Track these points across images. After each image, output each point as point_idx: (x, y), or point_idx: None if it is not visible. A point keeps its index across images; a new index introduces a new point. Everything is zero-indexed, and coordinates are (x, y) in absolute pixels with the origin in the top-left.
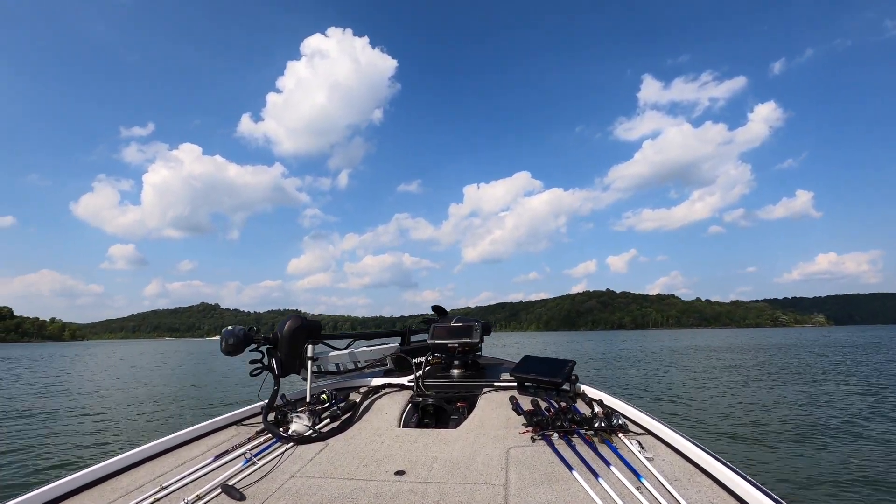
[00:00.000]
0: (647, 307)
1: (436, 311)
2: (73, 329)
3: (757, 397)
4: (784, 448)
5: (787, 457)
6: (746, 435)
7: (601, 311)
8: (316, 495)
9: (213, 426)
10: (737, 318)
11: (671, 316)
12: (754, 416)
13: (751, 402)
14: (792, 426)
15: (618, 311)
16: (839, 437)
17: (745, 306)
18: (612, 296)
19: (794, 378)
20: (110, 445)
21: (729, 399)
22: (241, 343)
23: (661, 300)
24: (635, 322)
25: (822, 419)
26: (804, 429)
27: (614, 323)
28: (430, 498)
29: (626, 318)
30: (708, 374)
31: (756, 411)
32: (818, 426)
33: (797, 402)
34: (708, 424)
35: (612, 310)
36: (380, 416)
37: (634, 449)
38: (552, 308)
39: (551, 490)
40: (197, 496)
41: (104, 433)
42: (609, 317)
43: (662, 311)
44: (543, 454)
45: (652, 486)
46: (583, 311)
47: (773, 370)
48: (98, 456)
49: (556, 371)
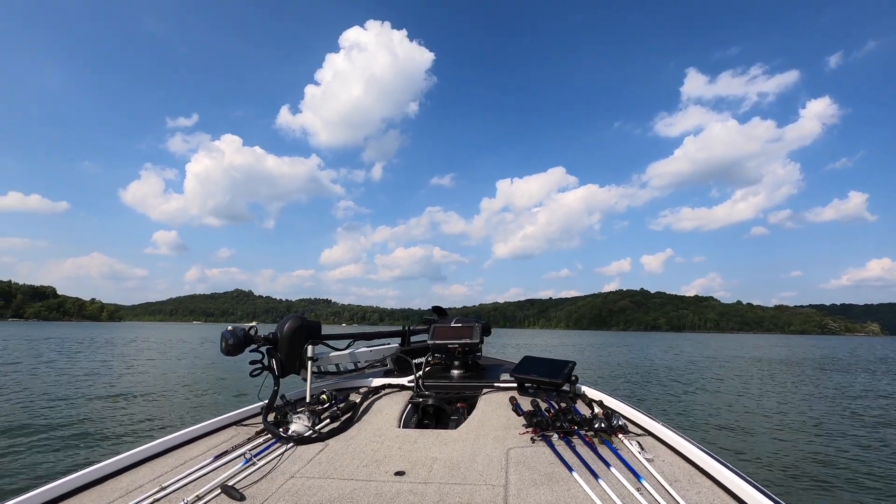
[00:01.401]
0: (684, 309)
1: (436, 312)
2: (110, 310)
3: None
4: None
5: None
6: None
7: (634, 312)
8: (316, 496)
9: (212, 426)
10: (781, 324)
11: (709, 319)
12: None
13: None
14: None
15: (652, 312)
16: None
17: (791, 311)
18: (646, 296)
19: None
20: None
21: (809, 439)
22: (242, 343)
23: (699, 302)
24: (670, 324)
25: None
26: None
27: (648, 324)
28: (430, 498)
29: (661, 320)
30: (771, 396)
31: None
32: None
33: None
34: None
35: (646, 310)
36: (380, 417)
37: (634, 450)
38: (583, 306)
39: (551, 491)
40: (196, 496)
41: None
42: (643, 317)
43: (700, 313)
44: (543, 455)
45: (652, 487)
46: (615, 311)
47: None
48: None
49: (556, 372)
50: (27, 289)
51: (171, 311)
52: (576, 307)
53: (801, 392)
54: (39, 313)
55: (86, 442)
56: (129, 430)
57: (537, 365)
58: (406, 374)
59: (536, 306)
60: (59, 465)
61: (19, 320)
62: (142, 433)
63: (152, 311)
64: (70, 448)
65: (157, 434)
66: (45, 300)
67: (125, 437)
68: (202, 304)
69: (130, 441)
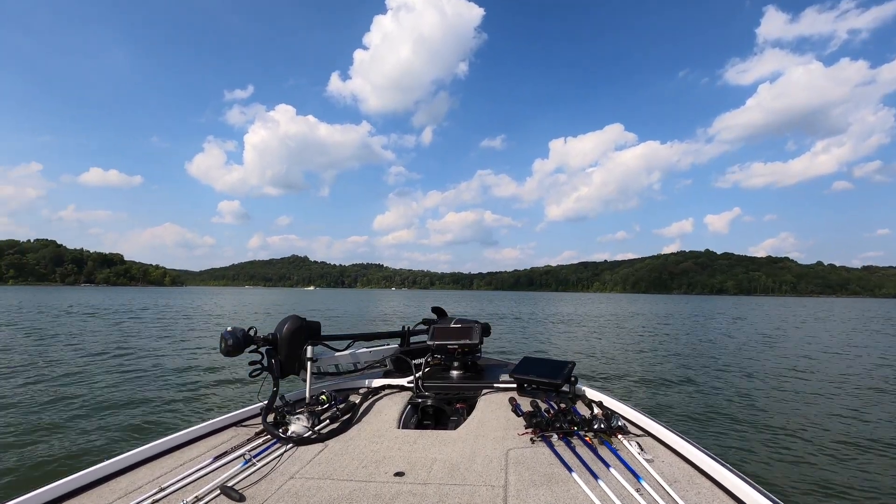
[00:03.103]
0: (755, 271)
1: (435, 313)
2: (172, 276)
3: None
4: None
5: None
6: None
7: (698, 274)
8: (315, 497)
9: (212, 427)
10: (870, 287)
11: (785, 281)
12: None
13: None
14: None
15: (718, 274)
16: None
17: (881, 273)
18: (711, 257)
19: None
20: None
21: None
22: (241, 344)
23: (773, 263)
24: (739, 287)
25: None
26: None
27: (714, 287)
28: (429, 499)
29: (729, 282)
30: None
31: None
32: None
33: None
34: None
35: (712, 272)
36: (379, 418)
37: (634, 451)
38: (640, 269)
39: (551, 492)
40: (196, 497)
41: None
42: (708, 280)
43: (774, 275)
44: (543, 456)
45: (651, 487)
46: (677, 273)
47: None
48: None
49: (555, 372)
50: (97, 256)
51: (233, 277)
52: (633, 270)
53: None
54: (108, 279)
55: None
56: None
57: (537, 365)
58: (406, 375)
59: (590, 269)
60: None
61: (90, 285)
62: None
63: (216, 277)
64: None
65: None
66: (112, 266)
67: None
68: (261, 270)
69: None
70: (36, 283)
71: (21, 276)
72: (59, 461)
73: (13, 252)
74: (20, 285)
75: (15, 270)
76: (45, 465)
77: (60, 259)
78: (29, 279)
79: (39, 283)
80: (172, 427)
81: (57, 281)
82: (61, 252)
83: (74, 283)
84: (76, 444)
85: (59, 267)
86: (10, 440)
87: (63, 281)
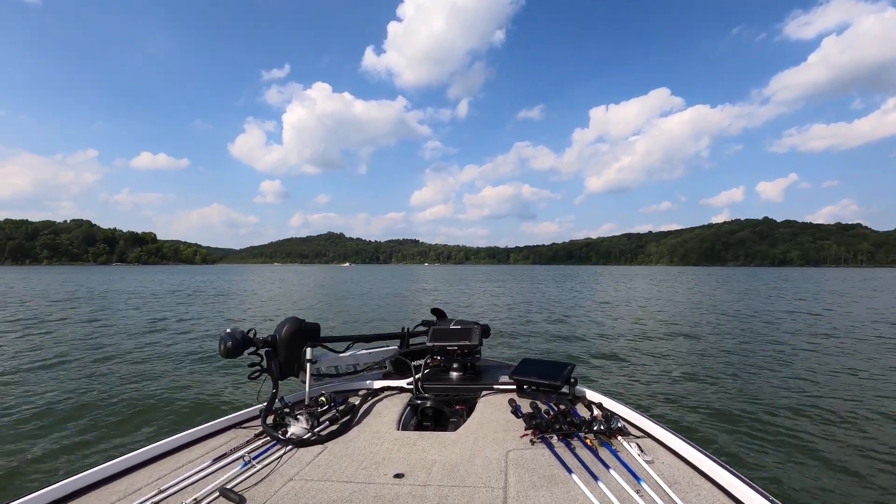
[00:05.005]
0: (823, 239)
1: (435, 314)
2: (203, 254)
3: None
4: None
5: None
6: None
7: (756, 244)
8: (315, 498)
9: (211, 429)
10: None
11: (861, 250)
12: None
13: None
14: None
15: (780, 244)
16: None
17: None
18: (771, 225)
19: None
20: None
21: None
22: (240, 346)
23: (844, 231)
24: (805, 257)
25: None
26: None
27: (775, 257)
28: (429, 501)
29: (794, 252)
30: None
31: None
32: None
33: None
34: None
35: (773, 242)
36: (379, 419)
37: (634, 452)
38: (689, 239)
39: (550, 493)
40: (195, 499)
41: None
42: (769, 250)
43: (847, 244)
44: (543, 457)
45: (651, 489)
46: (731, 243)
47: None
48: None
49: (555, 373)
50: (129, 235)
51: (271, 254)
52: (680, 241)
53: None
54: (140, 258)
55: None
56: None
57: (536, 367)
58: (405, 377)
59: (633, 241)
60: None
61: (121, 265)
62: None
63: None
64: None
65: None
66: (144, 245)
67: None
68: (298, 247)
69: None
70: (70, 263)
71: (55, 255)
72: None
73: (47, 233)
74: (54, 265)
75: (49, 251)
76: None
77: (93, 238)
78: (63, 259)
79: (73, 263)
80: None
81: (89, 260)
82: (94, 232)
83: (106, 263)
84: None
85: (91, 247)
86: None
87: (95, 260)
